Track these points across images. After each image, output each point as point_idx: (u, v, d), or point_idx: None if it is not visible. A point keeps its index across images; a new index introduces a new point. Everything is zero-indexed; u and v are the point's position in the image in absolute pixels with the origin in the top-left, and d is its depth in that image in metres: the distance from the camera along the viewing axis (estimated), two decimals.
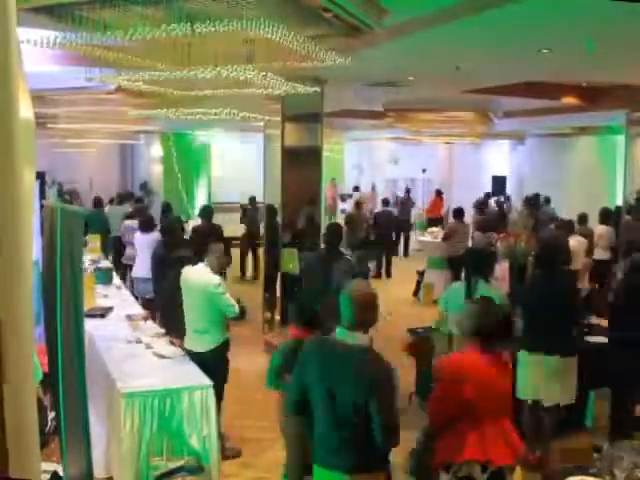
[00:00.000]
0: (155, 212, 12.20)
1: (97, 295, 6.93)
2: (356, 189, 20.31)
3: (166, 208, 12.08)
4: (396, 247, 16.01)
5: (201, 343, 5.23)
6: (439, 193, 17.88)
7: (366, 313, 3.19)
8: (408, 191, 19.39)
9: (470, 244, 10.78)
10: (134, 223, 9.55)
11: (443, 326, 5.60)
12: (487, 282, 5.49)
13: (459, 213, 11.45)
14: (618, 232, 10.25)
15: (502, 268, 7.96)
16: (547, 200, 15.15)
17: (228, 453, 5.41)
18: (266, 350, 8.38)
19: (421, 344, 6.67)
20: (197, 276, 5.29)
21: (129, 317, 6.26)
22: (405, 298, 11.75)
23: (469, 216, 13.26)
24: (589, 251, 9.89)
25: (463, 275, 5.76)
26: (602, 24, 5.34)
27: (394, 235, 15.74)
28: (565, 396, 5.28)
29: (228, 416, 5.72)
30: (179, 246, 6.84)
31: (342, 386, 3.10)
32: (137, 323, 6.07)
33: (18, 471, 1.49)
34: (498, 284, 6.86)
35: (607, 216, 10.37)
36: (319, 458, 3.26)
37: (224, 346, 5.36)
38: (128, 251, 9.88)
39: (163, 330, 5.78)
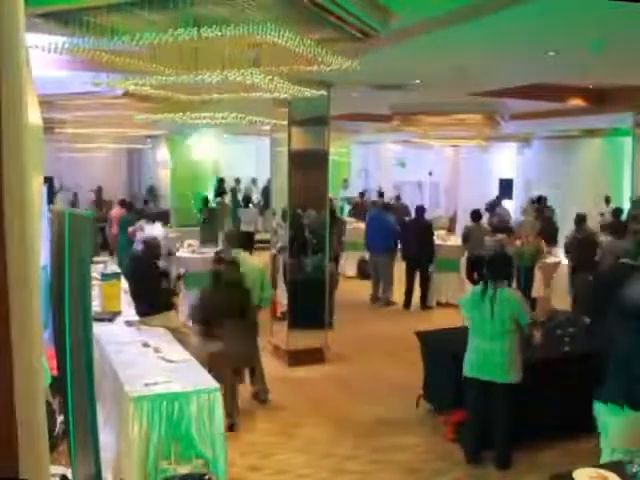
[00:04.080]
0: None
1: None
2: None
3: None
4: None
5: None
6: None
7: None
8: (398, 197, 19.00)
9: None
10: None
11: None
12: (509, 286, 5.44)
13: (476, 215, 11.54)
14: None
15: None
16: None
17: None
18: (272, 352, 8.35)
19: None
20: None
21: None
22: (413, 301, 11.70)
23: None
24: None
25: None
26: (609, 26, 5.33)
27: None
28: None
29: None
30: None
31: None
32: (141, 324, 6.12)
33: (28, 474, 1.50)
34: None
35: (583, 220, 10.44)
36: None
37: None
38: None
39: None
